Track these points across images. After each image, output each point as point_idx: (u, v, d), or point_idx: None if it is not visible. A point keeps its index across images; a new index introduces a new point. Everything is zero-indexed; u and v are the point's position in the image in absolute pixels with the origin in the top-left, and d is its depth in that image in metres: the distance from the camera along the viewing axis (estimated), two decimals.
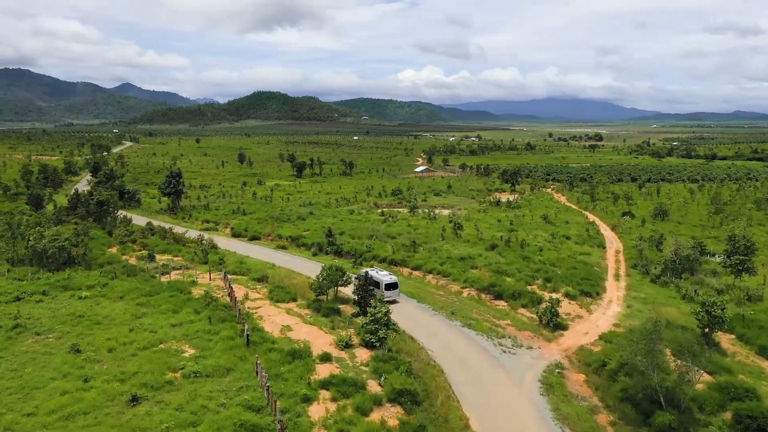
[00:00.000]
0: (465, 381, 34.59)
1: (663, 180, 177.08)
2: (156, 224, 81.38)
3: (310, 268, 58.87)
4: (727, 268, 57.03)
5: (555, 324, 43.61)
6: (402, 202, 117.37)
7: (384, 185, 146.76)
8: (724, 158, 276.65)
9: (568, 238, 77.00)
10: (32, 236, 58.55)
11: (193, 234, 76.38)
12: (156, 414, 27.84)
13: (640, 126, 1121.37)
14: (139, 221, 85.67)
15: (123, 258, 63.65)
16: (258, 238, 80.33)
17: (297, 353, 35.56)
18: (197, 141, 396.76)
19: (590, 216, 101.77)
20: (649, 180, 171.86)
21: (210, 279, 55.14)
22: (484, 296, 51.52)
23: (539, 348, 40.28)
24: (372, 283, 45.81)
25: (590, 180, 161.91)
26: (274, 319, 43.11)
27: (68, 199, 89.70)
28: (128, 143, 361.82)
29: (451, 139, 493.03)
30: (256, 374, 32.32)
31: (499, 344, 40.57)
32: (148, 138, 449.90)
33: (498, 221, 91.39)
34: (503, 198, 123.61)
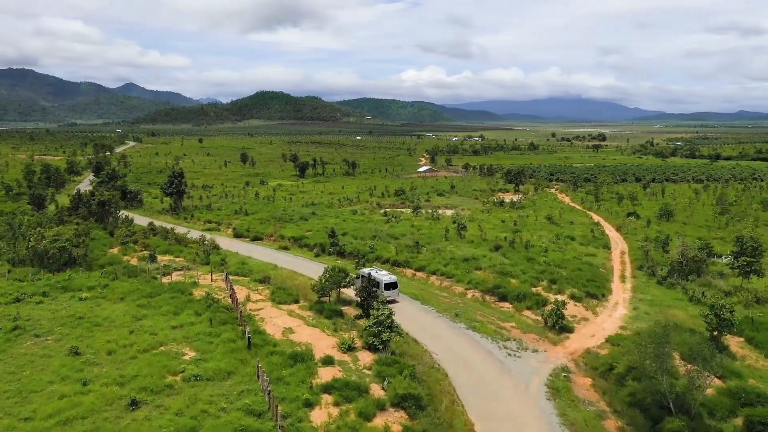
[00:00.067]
0: (470, 385, 34.00)
1: (667, 180, 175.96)
2: (158, 224, 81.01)
3: (313, 269, 58.39)
4: (735, 270, 56.29)
5: (561, 326, 42.98)
6: (405, 203, 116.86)
7: (387, 185, 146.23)
8: (728, 158, 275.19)
9: (573, 239, 76.35)
10: (33, 237, 58.19)
11: (195, 234, 76.01)
12: (155, 419, 27.35)
13: (643, 126, 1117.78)
14: (141, 221, 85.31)
15: (124, 259, 63.29)
16: (260, 239, 79.91)
17: (299, 356, 35.06)
18: (200, 141, 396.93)
19: (595, 216, 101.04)
20: (654, 180, 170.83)
21: (211, 280, 54.69)
22: (489, 298, 50.94)
23: (545, 351, 39.68)
24: (371, 283, 45.29)
25: (594, 180, 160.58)
26: (276, 321, 42.59)
27: (70, 200, 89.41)
28: (131, 143, 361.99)
29: (454, 139, 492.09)
30: (258, 378, 31.81)
31: (504, 347, 39.98)
32: (151, 138, 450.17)
33: (502, 222, 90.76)
34: (507, 198, 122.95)
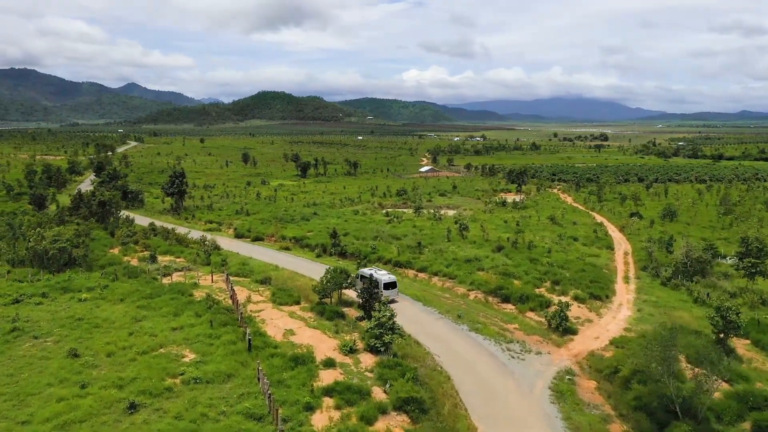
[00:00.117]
0: (473, 388, 33.56)
1: (670, 180, 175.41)
2: (159, 225, 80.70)
3: (314, 270, 57.97)
4: (740, 271, 55.78)
5: (564, 328, 42.51)
6: (407, 203, 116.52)
7: (389, 185, 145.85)
8: (731, 158, 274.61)
9: (576, 240, 75.89)
10: (33, 237, 57.83)
11: (196, 235, 75.62)
12: (154, 422, 26.94)
13: (646, 126, 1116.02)
14: (142, 221, 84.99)
15: (124, 259, 62.90)
16: (261, 239, 79.55)
17: (300, 359, 34.61)
18: (201, 141, 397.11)
19: (597, 217, 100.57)
20: (657, 180, 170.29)
21: (212, 281, 54.29)
22: (491, 299, 50.49)
23: (549, 353, 39.23)
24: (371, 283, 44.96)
25: (597, 180, 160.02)
26: (277, 323, 42.15)
27: (71, 200, 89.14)
28: (133, 143, 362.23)
29: (456, 139, 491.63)
30: (258, 381, 31.37)
31: (508, 349, 39.55)
32: (153, 138, 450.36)
33: (504, 222, 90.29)
34: (509, 198, 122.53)
